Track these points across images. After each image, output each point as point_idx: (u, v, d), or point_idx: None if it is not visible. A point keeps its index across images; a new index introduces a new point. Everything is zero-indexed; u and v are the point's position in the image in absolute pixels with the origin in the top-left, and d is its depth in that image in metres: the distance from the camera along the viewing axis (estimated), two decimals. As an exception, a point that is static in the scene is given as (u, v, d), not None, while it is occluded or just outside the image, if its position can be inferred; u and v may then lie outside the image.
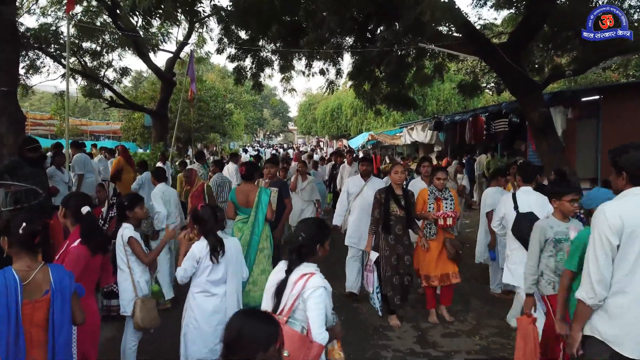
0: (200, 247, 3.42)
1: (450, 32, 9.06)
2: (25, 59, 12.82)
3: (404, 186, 5.73)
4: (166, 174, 7.72)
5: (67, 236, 3.10)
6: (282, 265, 2.69)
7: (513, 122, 11.85)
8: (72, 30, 12.72)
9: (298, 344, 2.36)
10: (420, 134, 18.07)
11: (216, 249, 3.40)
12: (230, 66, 14.66)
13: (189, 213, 5.74)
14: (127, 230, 3.73)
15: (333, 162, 14.08)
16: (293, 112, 68.54)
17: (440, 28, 8.73)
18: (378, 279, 5.14)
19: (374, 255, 5.13)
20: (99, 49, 13.73)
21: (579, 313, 2.59)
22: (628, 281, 2.43)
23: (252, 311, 2.01)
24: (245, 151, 24.92)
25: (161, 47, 16.19)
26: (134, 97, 18.90)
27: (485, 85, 37.69)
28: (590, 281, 2.48)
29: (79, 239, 2.90)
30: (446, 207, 5.30)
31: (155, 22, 16.26)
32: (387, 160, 23.04)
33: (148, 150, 16.75)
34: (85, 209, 3.03)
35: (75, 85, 14.55)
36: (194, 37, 17.64)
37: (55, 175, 7.25)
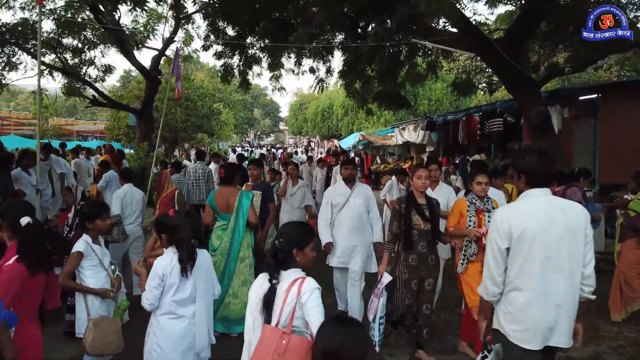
0: (165, 262, 2.95)
1: (445, 27, 8.70)
2: (2, 55, 12.27)
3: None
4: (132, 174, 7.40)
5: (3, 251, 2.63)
6: (263, 276, 2.46)
7: (508, 121, 11.50)
8: (52, 26, 12.22)
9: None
10: (412, 134, 17.72)
11: (189, 262, 2.94)
12: (219, 64, 14.32)
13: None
14: (79, 243, 3.31)
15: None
16: (284, 112, 68.06)
17: (435, 23, 8.38)
18: (385, 306, 4.18)
19: (387, 279, 4.18)
20: (80, 45, 13.17)
21: (482, 306, 2.83)
22: (521, 279, 2.59)
23: (343, 319, 2.02)
24: (234, 151, 24.39)
25: (146, 45, 15.60)
26: (119, 96, 18.35)
27: (477, 84, 37.63)
28: (485, 279, 2.73)
29: (16, 256, 2.44)
30: (489, 222, 4.02)
31: (141, 19, 15.88)
32: (379, 161, 22.70)
33: (133, 150, 16.24)
34: (24, 220, 2.56)
35: (55, 84, 14.02)
36: (180, 35, 17.20)
37: (21, 177, 6.79)
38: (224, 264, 4.75)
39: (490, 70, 26.41)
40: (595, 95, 9.92)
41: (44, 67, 12.67)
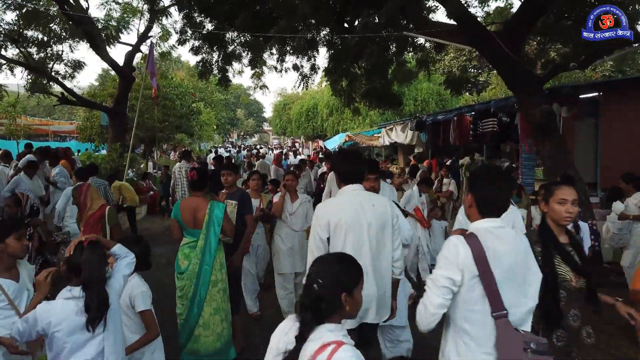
0: (54, 310, 2.18)
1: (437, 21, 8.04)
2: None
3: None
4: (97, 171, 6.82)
5: None
6: (291, 321, 1.85)
7: (503, 121, 10.92)
8: (13, 17, 11.24)
9: None
10: (400, 135, 17.08)
11: (98, 312, 2.19)
12: (195, 59, 13.53)
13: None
14: None
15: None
16: (268, 113, 67.18)
17: (429, 13, 7.72)
18: None
19: None
20: (46, 38, 12.22)
21: None
22: None
23: None
24: (215, 152, 23.48)
25: (120, 40, 14.70)
26: (92, 94, 17.35)
27: (470, 82, 37.34)
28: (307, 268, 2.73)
29: None
30: None
31: (115, 13, 14.98)
32: (365, 162, 22.03)
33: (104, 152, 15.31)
34: None
35: (18, 80, 13.01)
36: (157, 30, 16.34)
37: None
38: (193, 289, 3.98)
39: (475, 69, 26.07)
40: (597, 94, 9.35)
41: (4, 62, 11.71)
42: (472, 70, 29.79)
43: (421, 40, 9.59)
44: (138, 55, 15.87)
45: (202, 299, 3.98)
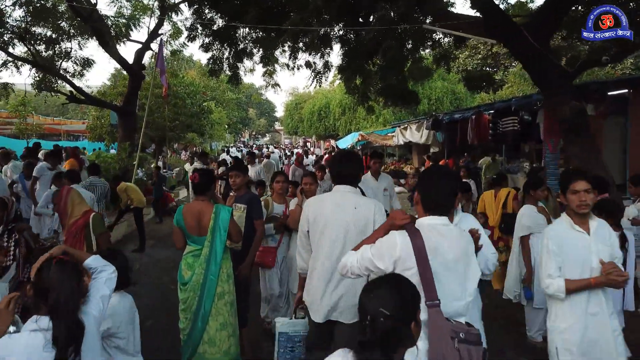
0: (16, 345, 1.79)
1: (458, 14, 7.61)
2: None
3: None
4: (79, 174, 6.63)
5: None
6: (342, 356, 1.68)
7: (525, 120, 10.46)
8: (21, 13, 11.04)
9: None
10: (415, 134, 16.67)
11: (68, 348, 1.81)
12: (207, 58, 13.23)
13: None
14: None
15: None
16: (280, 112, 66.94)
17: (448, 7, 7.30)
18: None
19: None
20: (54, 36, 12.00)
21: (299, 280, 3.29)
22: (313, 260, 3.02)
23: None
24: (227, 152, 23.19)
25: (130, 38, 14.46)
26: (102, 93, 17.16)
27: (494, 79, 36.54)
28: (297, 257, 3.25)
29: None
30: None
31: (126, 10, 14.75)
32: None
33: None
34: None
35: (25, 78, 12.78)
36: (167, 27, 16.10)
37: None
38: (197, 302, 3.63)
39: (490, 68, 25.46)
40: (625, 91, 8.85)
41: (11, 59, 11.51)
42: (488, 69, 29.22)
43: (439, 34, 9.17)
44: (149, 54, 15.67)
45: (207, 312, 3.63)
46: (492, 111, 11.94)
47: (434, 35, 9.63)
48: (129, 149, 12.63)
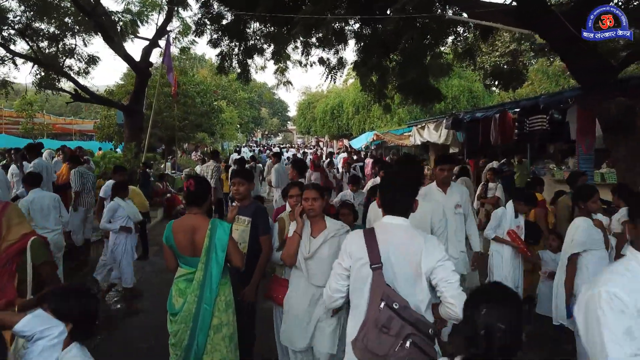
0: None
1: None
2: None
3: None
4: (42, 177, 6.14)
5: None
6: None
7: (555, 118, 9.72)
8: (22, 8, 10.59)
9: None
10: (433, 134, 15.93)
11: None
12: (215, 53, 12.68)
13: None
14: None
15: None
16: (292, 112, 66.44)
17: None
18: None
19: None
20: (57, 32, 11.53)
21: None
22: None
23: None
24: (238, 152, 22.63)
25: (137, 34, 13.96)
26: (109, 92, 16.71)
27: (493, 82, 35.79)
28: None
29: None
30: None
31: (134, 7, 14.27)
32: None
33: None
34: None
35: (27, 76, 12.31)
36: (176, 24, 15.62)
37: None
38: (189, 336, 3.03)
39: (508, 65, 24.61)
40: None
41: (10, 56, 11.05)
42: (505, 67, 28.41)
43: (464, 26, 8.48)
44: (157, 51, 15.17)
45: (201, 348, 3.02)
46: (517, 109, 11.19)
47: (457, 27, 8.94)
48: (134, 150, 12.12)
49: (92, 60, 12.77)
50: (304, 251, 3.24)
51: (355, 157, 20.60)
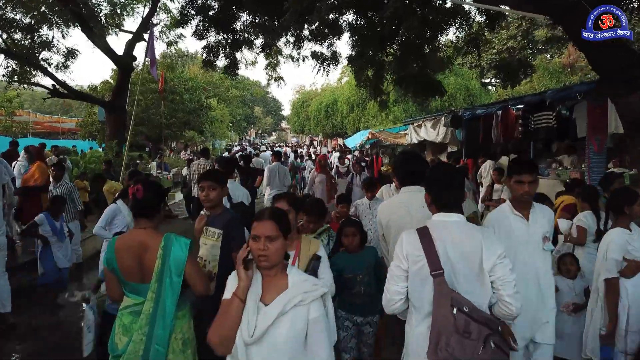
0: None
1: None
2: None
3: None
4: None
5: None
6: None
7: (562, 115, 9.11)
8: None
9: None
10: (431, 132, 15.29)
11: None
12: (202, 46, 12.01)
13: None
14: None
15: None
16: (286, 111, 65.81)
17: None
18: None
19: None
20: (32, 22, 10.79)
21: None
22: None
23: None
24: (229, 151, 21.89)
25: (122, 27, 13.25)
26: (93, 88, 15.97)
27: (490, 79, 35.43)
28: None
29: None
30: None
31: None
32: (386, 161, 20.24)
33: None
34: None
35: None
36: (164, 17, 14.92)
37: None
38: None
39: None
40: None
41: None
42: (513, 58, 27.90)
43: (470, 11, 7.83)
44: (143, 45, 14.48)
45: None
46: (521, 106, 10.57)
47: (460, 16, 8.27)
48: (116, 148, 11.41)
49: (71, 53, 12.03)
50: (246, 332, 1.92)
51: (349, 156, 19.92)
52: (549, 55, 26.88)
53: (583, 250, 4.32)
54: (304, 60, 11.73)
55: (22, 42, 11.05)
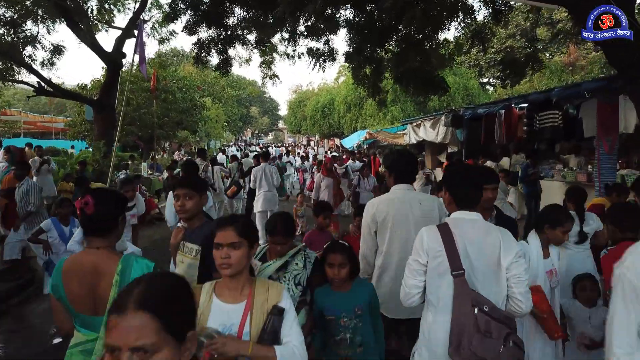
0: None
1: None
2: None
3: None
4: None
5: None
6: None
7: (570, 114, 8.72)
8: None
9: None
10: (430, 132, 14.88)
11: None
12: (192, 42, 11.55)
13: None
14: None
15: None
16: (283, 111, 65.38)
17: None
18: None
19: None
20: (16, 17, 10.31)
21: None
22: (385, 258, 3.08)
23: None
24: (223, 152, 21.41)
25: (111, 23, 12.78)
26: (82, 86, 15.48)
27: (489, 79, 35.08)
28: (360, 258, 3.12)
29: None
30: None
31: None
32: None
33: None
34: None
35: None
36: (155, 13, 14.48)
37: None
38: None
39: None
40: None
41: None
42: (501, 65, 27.66)
43: (475, 4, 7.42)
44: (133, 42, 14.03)
45: None
46: (524, 105, 10.17)
47: (458, 15, 7.86)
48: (104, 149, 10.94)
49: (58, 50, 11.55)
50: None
51: (344, 157, 19.50)
52: (547, 54, 26.56)
53: (564, 251, 3.95)
54: (299, 57, 11.31)
55: (5, 37, 10.55)
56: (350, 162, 14.28)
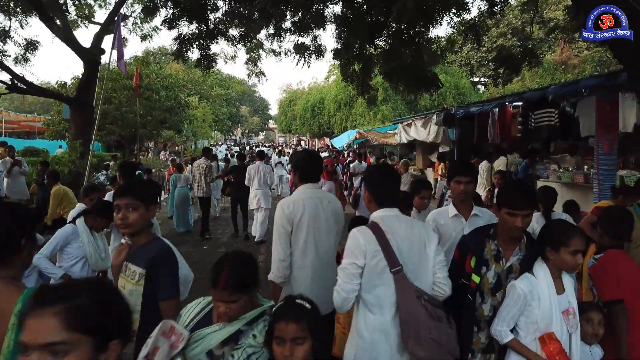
0: None
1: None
2: None
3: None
4: None
5: None
6: None
7: (567, 112, 8.37)
8: None
9: None
10: (421, 131, 14.52)
11: None
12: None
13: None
14: None
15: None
16: (274, 110, 64.89)
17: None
18: None
19: None
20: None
21: (273, 287, 3.17)
22: (301, 259, 3.08)
23: None
24: (208, 152, 20.83)
25: (91, 19, 12.25)
26: (61, 84, 14.89)
27: (480, 78, 34.81)
28: (275, 261, 3.07)
29: None
30: None
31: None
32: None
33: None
34: None
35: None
36: (137, 8, 13.97)
37: None
38: None
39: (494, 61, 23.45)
40: None
41: None
42: (492, 63, 27.41)
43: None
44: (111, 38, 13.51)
45: None
46: (519, 103, 9.81)
47: (451, 10, 7.45)
48: (80, 149, 10.43)
49: (32, 45, 11.00)
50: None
51: (334, 156, 19.08)
52: (539, 53, 26.41)
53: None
54: (286, 54, 10.89)
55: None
56: (356, 163, 13.75)
